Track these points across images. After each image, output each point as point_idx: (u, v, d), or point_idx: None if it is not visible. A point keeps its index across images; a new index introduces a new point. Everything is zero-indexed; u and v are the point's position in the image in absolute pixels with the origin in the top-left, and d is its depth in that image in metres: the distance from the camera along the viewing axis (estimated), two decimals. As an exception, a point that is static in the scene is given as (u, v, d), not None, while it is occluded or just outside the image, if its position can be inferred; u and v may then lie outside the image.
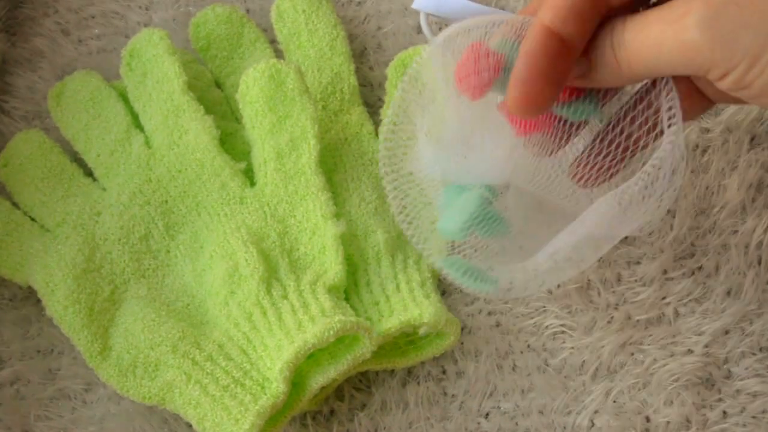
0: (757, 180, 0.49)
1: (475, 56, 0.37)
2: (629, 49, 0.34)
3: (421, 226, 0.41)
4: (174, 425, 0.47)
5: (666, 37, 0.33)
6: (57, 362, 0.49)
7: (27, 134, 0.51)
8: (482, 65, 0.37)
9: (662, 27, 0.33)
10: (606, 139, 0.39)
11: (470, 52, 0.37)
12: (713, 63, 0.33)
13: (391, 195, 0.41)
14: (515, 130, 0.40)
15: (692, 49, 0.33)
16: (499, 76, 0.37)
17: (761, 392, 0.46)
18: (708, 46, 0.32)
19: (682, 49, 0.33)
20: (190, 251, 0.48)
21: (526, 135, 0.40)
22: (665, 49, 0.33)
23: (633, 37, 0.34)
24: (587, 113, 0.39)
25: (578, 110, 0.39)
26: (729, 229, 0.48)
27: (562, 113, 0.39)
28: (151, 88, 0.49)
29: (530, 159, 0.41)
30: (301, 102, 0.47)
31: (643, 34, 0.34)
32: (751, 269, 0.47)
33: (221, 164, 0.48)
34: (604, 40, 0.35)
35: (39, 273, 0.47)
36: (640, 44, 0.34)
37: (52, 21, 0.55)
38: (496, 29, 0.38)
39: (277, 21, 0.53)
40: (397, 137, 0.40)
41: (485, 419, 0.47)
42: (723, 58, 0.33)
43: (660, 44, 0.33)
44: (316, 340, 0.42)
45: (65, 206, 0.49)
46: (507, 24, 0.37)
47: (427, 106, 0.40)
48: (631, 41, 0.34)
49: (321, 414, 0.47)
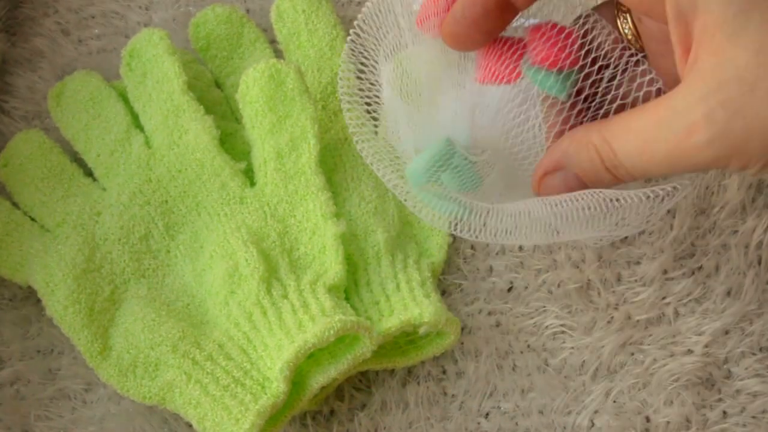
0: (757, 180, 0.49)
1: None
2: (631, 169, 0.35)
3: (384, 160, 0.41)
4: (174, 425, 0.47)
5: (675, 157, 0.33)
6: (57, 362, 0.49)
7: (27, 134, 0.51)
8: (441, 5, 0.38)
9: (668, 147, 0.33)
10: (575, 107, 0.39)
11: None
12: (730, 166, 0.33)
13: (361, 146, 0.41)
14: (478, 75, 0.39)
15: (706, 163, 0.33)
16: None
17: (761, 392, 0.46)
18: (723, 161, 0.32)
19: (697, 164, 0.33)
20: (190, 251, 0.48)
21: (483, 82, 0.39)
22: (677, 165, 0.33)
23: (633, 161, 0.34)
24: (555, 90, 0.39)
25: (547, 83, 0.38)
26: (729, 229, 0.48)
27: (529, 75, 0.39)
28: (151, 88, 0.49)
29: (491, 118, 0.40)
30: (301, 102, 0.47)
31: (647, 156, 0.34)
32: (751, 269, 0.47)
33: (221, 164, 0.48)
34: (593, 163, 0.35)
35: (39, 273, 0.47)
36: (645, 164, 0.34)
37: (52, 21, 0.55)
38: None
39: (276, 21, 0.53)
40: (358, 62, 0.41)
41: (485, 419, 0.47)
42: (739, 163, 0.32)
43: (670, 163, 0.33)
44: (317, 339, 0.42)
45: (65, 206, 0.49)
46: None
47: (388, 54, 0.40)
48: (633, 165, 0.34)
49: (321, 414, 0.47)
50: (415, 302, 0.45)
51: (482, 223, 0.39)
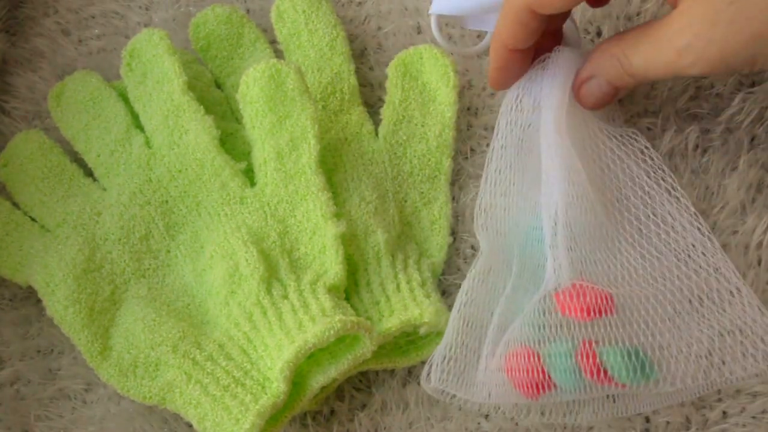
0: (757, 180, 0.49)
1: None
2: (643, 76, 0.42)
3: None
4: (174, 425, 0.47)
5: (672, 71, 0.41)
6: (57, 362, 0.49)
7: (27, 134, 0.51)
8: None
9: (665, 64, 0.41)
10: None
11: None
12: (717, 77, 0.41)
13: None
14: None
15: (696, 76, 0.45)
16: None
17: (761, 392, 0.46)
18: (709, 74, 0.42)
19: (690, 75, 0.42)
20: (190, 251, 0.48)
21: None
22: (675, 75, 0.41)
23: (643, 71, 0.42)
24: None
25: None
26: (729, 230, 0.48)
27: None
28: (152, 88, 0.49)
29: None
30: (302, 102, 0.47)
31: (652, 68, 0.42)
32: (751, 269, 0.47)
33: (221, 164, 0.48)
34: (617, 70, 0.43)
35: (39, 273, 0.47)
36: (652, 73, 0.42)
37: (53, 21, 0.55)
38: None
39: (277, 21, 0.53)
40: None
41: (485, 419, 0.47)
42: (724, 75, 0.41)
43: (669, 74, 0.41)
44: (317, 339, 0.42)
45: (65, 206, 0.49)
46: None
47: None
48: (644, 74, 0.42)
49: (321, 414, 0.47)
50: (416, 302, 0.45)
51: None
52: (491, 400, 0.42)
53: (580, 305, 0.40)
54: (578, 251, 0.42)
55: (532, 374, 0.41)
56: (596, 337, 0.40)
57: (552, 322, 0.41)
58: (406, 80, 0.51)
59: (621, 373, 0.40)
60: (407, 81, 0.51)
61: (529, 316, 0.41)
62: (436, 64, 0.50)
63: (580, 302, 0.40)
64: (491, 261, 0.44)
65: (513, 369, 0.41)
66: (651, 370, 0.40)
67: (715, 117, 0.50)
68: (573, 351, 0.40)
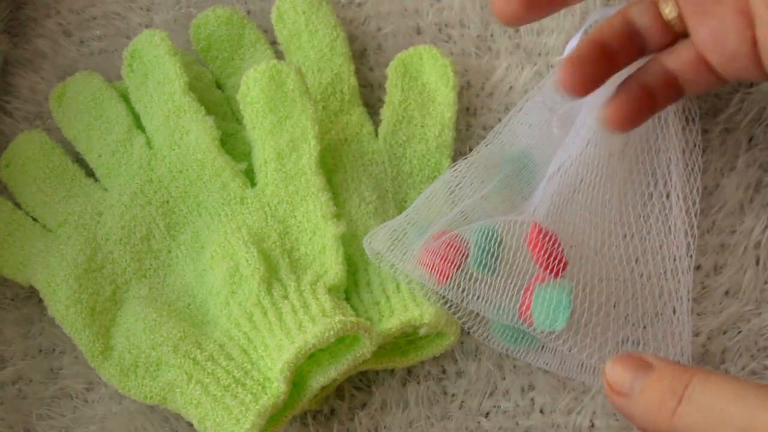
0: (756, 180, 0.49)
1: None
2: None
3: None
4: (175, 424, 0.47)
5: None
6: (58, 362, 0.49)
7: (29, 135, 0.51)
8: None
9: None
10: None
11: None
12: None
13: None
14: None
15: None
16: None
17: (759, 391, 0.46)
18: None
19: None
20: (191, 251, 0.48)
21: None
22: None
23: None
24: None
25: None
26: (727, 229, 0.48)
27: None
28: (153, 89, 0.49)
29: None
30: (302, 103, 0.47)
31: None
32: (749, 269, 0.48)
33: (222, 165, 0.48)
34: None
35: (41, 273, 0.47)
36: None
37: (54, 22, 0.55)
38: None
39: (277, 22, 0.53)
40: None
41: (485, 418, 0.47)
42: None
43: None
44: (317, 340, 0.42)
45: (67, 206, 0.49)
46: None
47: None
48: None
49: (321, 413, 0.47)
50: (416, 303, 0.45)
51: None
52: (413, 274, 0.45)
53: (542, 252, 0.43)
54: (564, 208, 0.44)
55: (445, 262, 0.44)
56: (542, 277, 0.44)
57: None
58: (405, 81, 0.51)
59: (539, 316, 0.43)
60: (407, 81, 0.51)
61: (488, 225, 0.44)
62: (436, 64, 0.51)
63: (544, 249, 0.43)
64: (487, 159, 0.47)
65: (433, 251, 0.44)
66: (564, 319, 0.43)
67: (713, 117, 0.50)
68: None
